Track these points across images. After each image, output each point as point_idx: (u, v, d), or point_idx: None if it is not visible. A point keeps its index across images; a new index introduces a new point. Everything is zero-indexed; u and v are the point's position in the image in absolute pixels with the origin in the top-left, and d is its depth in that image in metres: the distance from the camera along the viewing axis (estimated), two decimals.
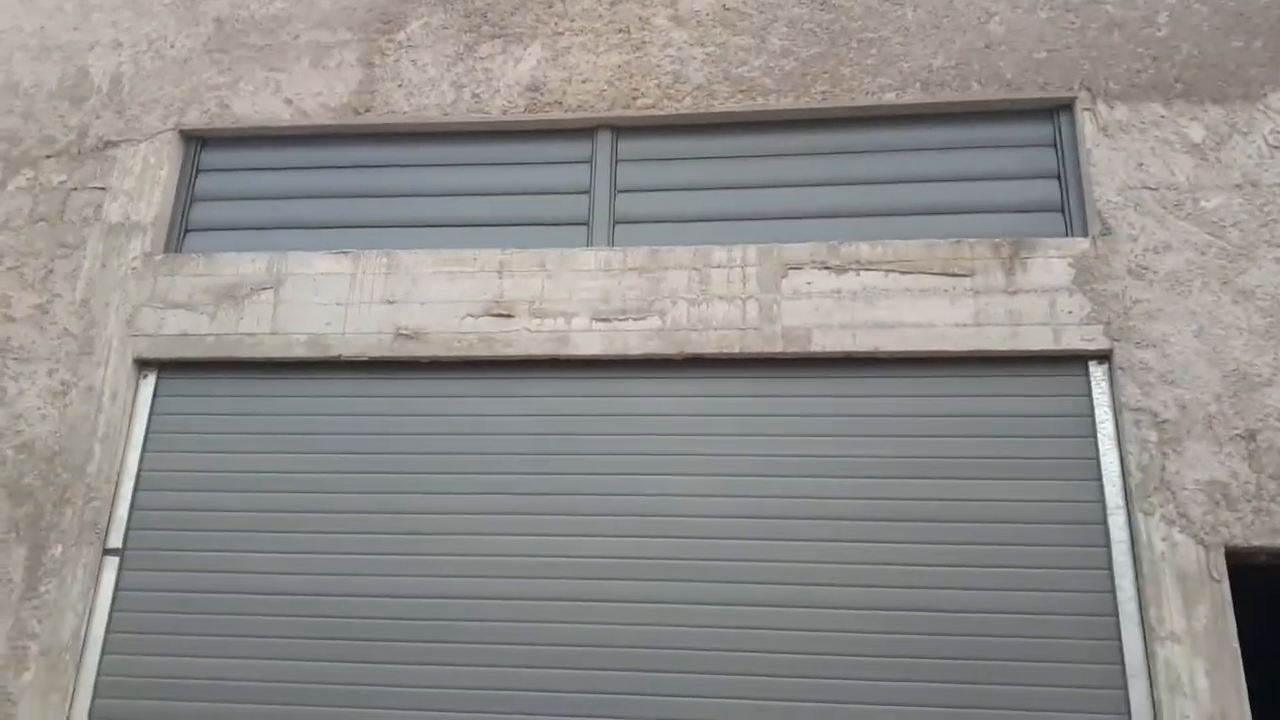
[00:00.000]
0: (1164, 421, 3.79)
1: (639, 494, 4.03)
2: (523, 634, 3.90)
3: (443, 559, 4.04)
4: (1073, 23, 4.39)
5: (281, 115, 4.74)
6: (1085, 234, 4.13)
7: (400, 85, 4.71)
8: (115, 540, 4.20)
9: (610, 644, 3.85)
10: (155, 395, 4.42)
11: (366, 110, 4.69)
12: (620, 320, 4.20)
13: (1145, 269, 3.99)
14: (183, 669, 4.02)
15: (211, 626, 4.06)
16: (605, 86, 4.58)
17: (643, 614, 3.87)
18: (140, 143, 4.75)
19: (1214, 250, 3.98)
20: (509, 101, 4.62)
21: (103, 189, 4.69)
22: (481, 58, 4.71)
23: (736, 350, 4.10)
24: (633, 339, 4.17)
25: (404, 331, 4.29)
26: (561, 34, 4.70)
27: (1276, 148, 4.07)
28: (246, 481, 4.24)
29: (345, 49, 4.81)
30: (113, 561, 4.18)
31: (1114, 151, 4.17)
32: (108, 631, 4.10)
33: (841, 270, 4.15)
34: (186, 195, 4.76)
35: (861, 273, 4.13)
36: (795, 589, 3.83)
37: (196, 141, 4.84)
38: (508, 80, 4.66)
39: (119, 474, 4.27)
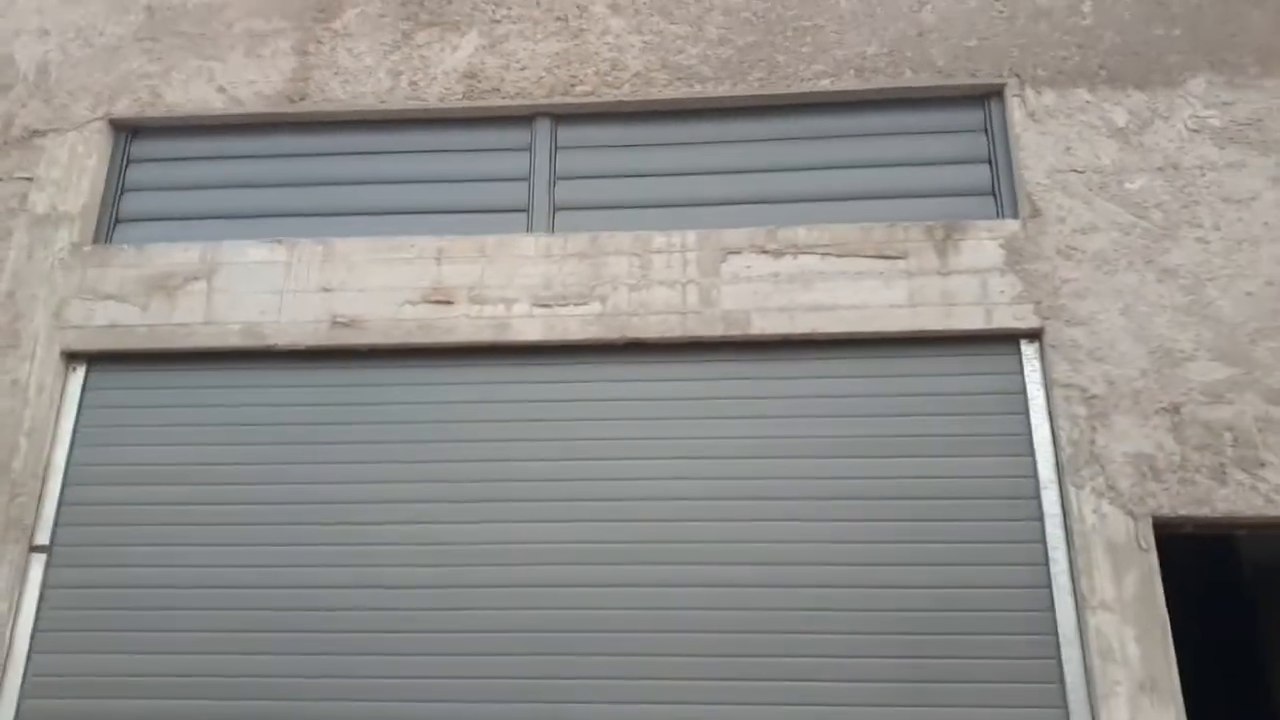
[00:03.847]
0: (1093, 397, 3.88)
1: (581, 479, 4.02)
2: (463, 621, 3.86)
3: (383, 549, 3.98)
4: (1001, 11, 4.49)
5: (215, 104, 4.67)
6: (1015, 216, 4.22)
7: (336, 73, 4.66)
8: (42, 537, 4.08)
9: (552, 629, 3.83)
10: (85, 388, 4.30)
11: (302, 98, 4.63)
12: (561, 306, 4.20)
13: (1073, 249, 4.08)
14: (115, 666, 3.91)
15: (144, 623, 3.95)
16: (543, 74, 4.58)
17: (582, 598, 3.85)
18: (68, 132, 4.64)
19: (1138, 231, 4.09)
20: (446, 89, 4.60)
21: (29, 179, 4.57)
22: (418, 45, 4.68)
23: (677, 334, 4.12)
24: (574, 324, 4.17)
25: (341, 320, 4.24)
26: (499, 21, 4.69)
27: (1195, 131, 4.20)
28: (180, 475, 4.14)
29: (280, 37, 4.75)
30: (40, 559, 4.06)
31: (1042, 136, 4.26)
32: (35, 630, 3.97)
33: (779, 254, 4.19)
34: (116, 185, 4.65)
35: (799, 256, 4.18)
36: (738, 568, 3.85)
37: (127, 131, 4.74)
38: (445, 68, 4.64)
39: (46, 469, 4.15)
